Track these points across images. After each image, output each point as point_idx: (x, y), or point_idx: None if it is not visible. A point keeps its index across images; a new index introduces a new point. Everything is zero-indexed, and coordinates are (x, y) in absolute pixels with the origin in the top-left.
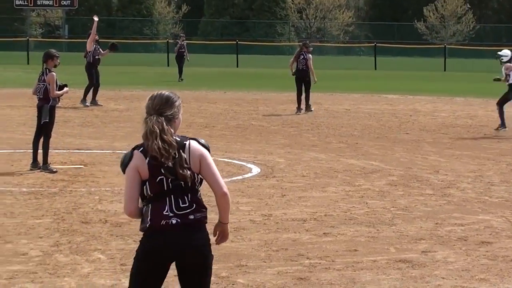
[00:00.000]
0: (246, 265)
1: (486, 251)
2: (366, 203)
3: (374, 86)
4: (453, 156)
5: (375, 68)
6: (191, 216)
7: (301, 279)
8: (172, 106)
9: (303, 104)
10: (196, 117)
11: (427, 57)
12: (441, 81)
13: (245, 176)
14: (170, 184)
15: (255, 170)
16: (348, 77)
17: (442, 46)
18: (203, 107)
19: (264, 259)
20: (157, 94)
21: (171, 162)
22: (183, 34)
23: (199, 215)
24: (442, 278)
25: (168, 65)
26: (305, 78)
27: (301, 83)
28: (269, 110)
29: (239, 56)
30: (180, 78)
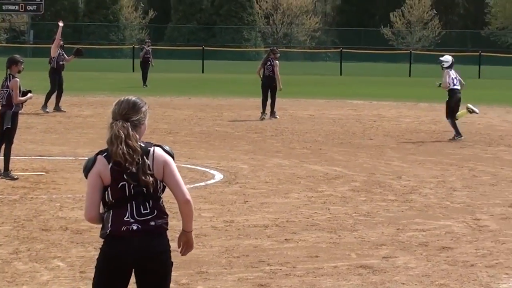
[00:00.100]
0: (207, 272)
1: (447, 257)
2: (328, 209)
3: (339, 92)
4: (416, 162)
5: (341, 74)
6: (152, 223)
7: (262, 286)
8: (139, 112)
9: (268, 110)
10: (160, 123)
11: (393, 63)
12: (406, 87)
13: (208, 183)
14: (132, 190)
15: (218, 177)
16: (314, 83)
17: (408, 52)
18: (168, 113)
19: (225, 266)
20: (124, 99)
21: (135, 168)
22: (149, 40)
23: (160, 222)
24: (402, 284)
25: (134, 71)
26: (272, 84)
27: (267, 89)
28: (234, 116)
29: (205, 62)
30: (145, 85)
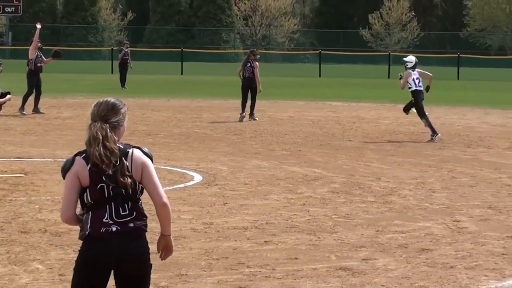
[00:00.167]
0: (186, 274)
1: (426, 258)
2: (308, 211)
3: (319, 93)
4: (395, 163)
5: (320, 75)
6: (131, 224)
7: None
8: (118, 113)
9: (247, 110)
10: (139, 125)
11: (372, 64)
12: (385, 88)
13: (187, 184)
14: (111, 192)
15: (197, 178)
16: (293, 85)
17: (387, 54)
18: (147, 115)
19: (204, 268)
20: (103, 101)
21: (112, 170)
22: (127, 42)
23: (139, 223)
24: (382, 286)
25: (112, 72)
26: (252, 86)
27: (247, 91)
28: (213, 118)
29: (184, 64)
30: (124, 87)
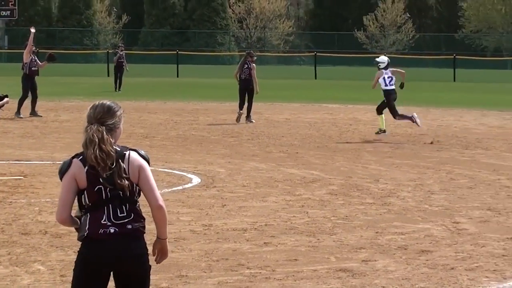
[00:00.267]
0: (187, 276)
1: (426, 260)
2: (307, 213)
3: (315, 96)
4: (393, 165)
5: (315, 78)
6: (129, 226)
7: None
8: (114, 116)
9: (244, 112)
10: (136, 128)
11: (367, 66)
12: (381, 90)
13: (186, 187)
14: (109, 194)
15: (196, 180)
16: (289, 87)
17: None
18: (143, 117)
19: (205, 269)
20: (99, 103)
21: (108, 173)
22: (122, 44)
23: (137, 225)
24: (382, 287)
25: (108, 75)
26: (249, 87)
27: (245, 92)
28: (210, 120)
29: (180, 66)
30: (119, 90)
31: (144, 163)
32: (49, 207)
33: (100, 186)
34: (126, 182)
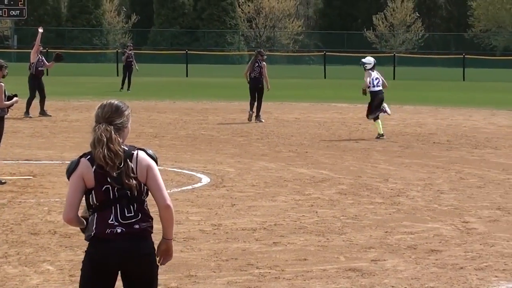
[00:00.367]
0: (196, 275)
1: (436, 259)
2: (316, 212)
3: (324, 95)
4: (403, 165)
5: (325, 77)
6: (136, 226)
7: None
8: (122, 115)
9: (254, 112)
10: (146, 127)
11: (377, 66)
12: (391, 90)
13: (195, 186)
14: (116, 193)
15: (205, 180)
16: (298, 86)
17: (392, 55)
18: (153, 117)
19: (214, 269)
20: (107, 103)
21: (116, 172)
22: (131, 44)
23: (145, 225)
24: (392, 287)
25: (118, 75)
26: (258, 86)
27: (255, 91)
28: (219, 120)
29: (189, 66)
30: (127, 89)
31: (152, 163)
32: (58, 207)
33: (108, 186)
34: (134, 182)
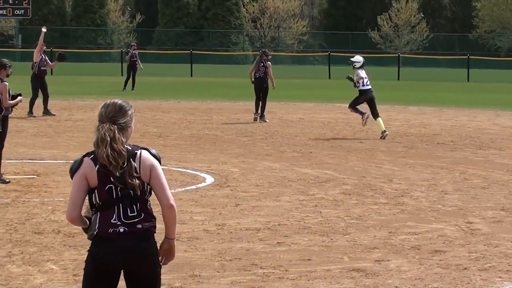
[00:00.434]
0: (200, 275)
1: (440, 260)
2: (320, 212)
3: (328, 95)
4: (407, 165)
5: (329, 77)
6: (139, 225)
7: None
8: (125, 115)
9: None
10: (150, 127)
11: (381, 66)
12: (395, 90)
13: (199, 186)
14: (119, 193)
15: (209, 180)
16: (302, 86)
17: (396, 55)
18: (157, 117)
19: (218, 269)
20: (110, 102)
21: (119, 171)
22: (135, 43)
23: (147, 225)
24: (396, 287)
25: (122, 75)
26: (263, 85)
27: (260, 91)
28: (223, 120)
29: (194, 66)
30: (132, 88)
31: (156, 162)
32: (62, 206)
33: (111, 185)
34: (137, 181)
